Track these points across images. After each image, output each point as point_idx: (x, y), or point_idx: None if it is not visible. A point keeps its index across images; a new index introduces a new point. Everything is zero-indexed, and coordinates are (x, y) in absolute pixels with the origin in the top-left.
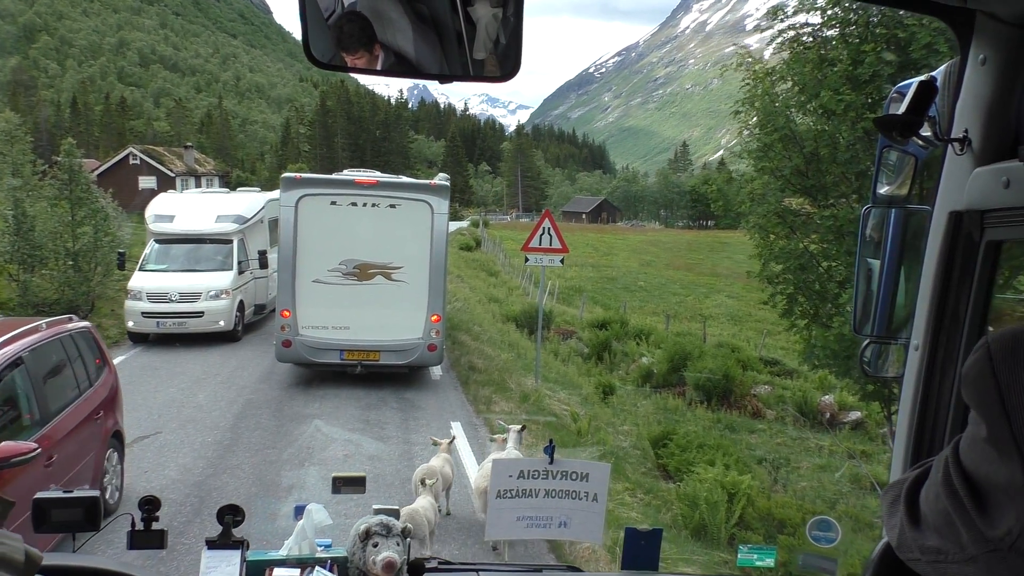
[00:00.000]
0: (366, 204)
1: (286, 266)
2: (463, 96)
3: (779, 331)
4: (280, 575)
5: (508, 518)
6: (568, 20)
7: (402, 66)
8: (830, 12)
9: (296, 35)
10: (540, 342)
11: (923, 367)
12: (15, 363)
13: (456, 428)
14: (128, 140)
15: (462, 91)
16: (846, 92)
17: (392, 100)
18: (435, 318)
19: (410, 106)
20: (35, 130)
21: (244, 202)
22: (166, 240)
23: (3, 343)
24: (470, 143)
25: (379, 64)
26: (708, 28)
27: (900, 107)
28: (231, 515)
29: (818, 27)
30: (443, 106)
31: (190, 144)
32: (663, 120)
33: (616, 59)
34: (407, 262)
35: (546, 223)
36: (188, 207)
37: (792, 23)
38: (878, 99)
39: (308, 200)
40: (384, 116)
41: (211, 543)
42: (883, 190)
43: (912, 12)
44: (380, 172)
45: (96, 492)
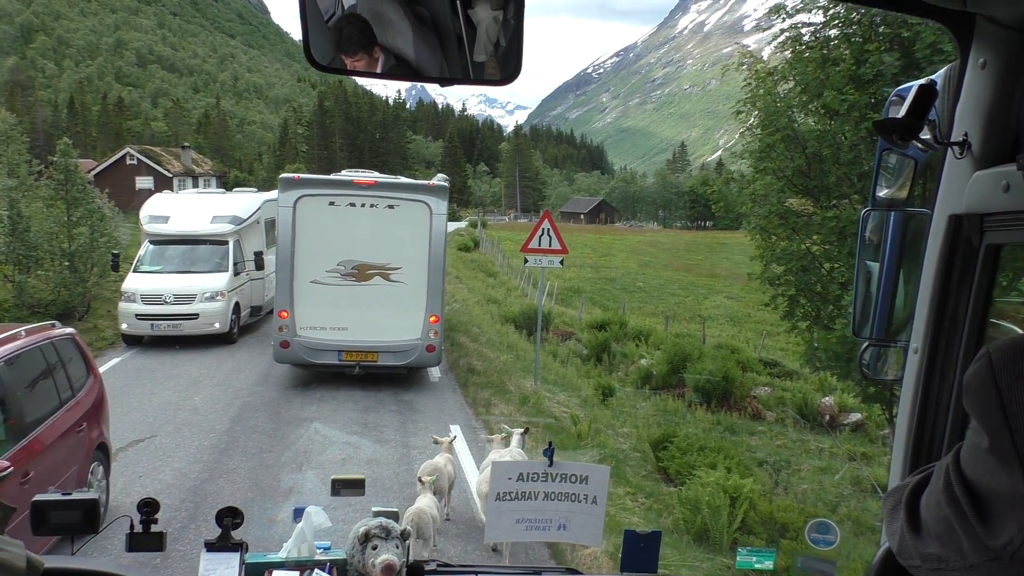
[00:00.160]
0: (364, 205)
1: (284, 266)
2: (461, 97)
3: (778, 332)
4: None
5: (507, 520)
6: (566, 20)
7: (402, 69)
8: (832, 11)
9: (294, 35)
10: (539, 344)
11: (922, 370)
12: None
13: (455, 431)
14: (125, 140)
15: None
16: (849, 92)
17: (390, 100)
18: (433, 319)
19: (408, 106)
20: (32, 130)
21: (240, 203)
22: (161, 241)
23: None
24: (468, 144)
25: (379, 67)
26: (706, 29)
27: (900, 110)
28: (230, 517)
29: (820, 26)
30: (441, 107)
31: (187, 144)
32: (661, 121)
33: (614, 60)
34: (405, 263)
35: (545, 224)
36: (183, 208)
37: (794, 22)
38: (881, 99)
39: (306, 200)
40: (382, 116)
41: (210, 545)
42: (882, 193)
43: (912, 16)
44: (378, 172)
45: (96, 494)
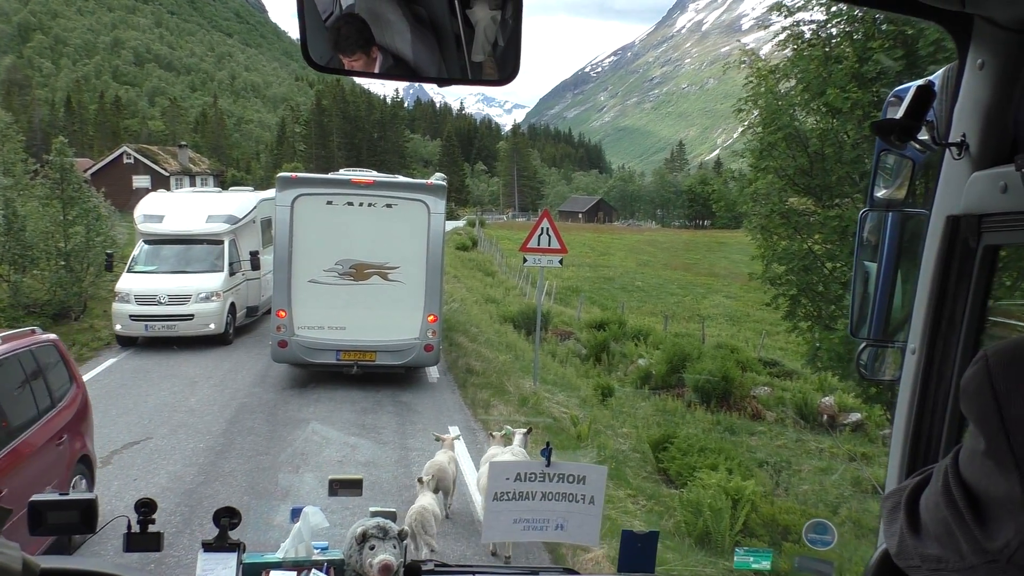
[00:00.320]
0: (362, 204)
1: (282, 266)
2: (459, 96)
3: (778, 332)
4: None
5: (505, 520)
6: (564, 19)
7: (400, 69)
8: (834, 8)
9: (292, 34)
10: (538, 344)
11: (920, 371)
12: None
13: (454, 432)
14: (123, 139)
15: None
16: (852, 89)
17: (388, 99)
18: (431, 318)
19: (406, 105)
20: (29, 129)
21: (235, 202)
22: (155, 241)
23: None
24: (466, 142)
25: (377, 67)
26: (704, 28)
27: (898, 111)
28: (227, 517)
29: (822, 24)
30: (439, 105)
31: (184, 143)
32: (659, 120)
33: (612, 59)
34: (403, 262)
35: (544, 223)
36: (178, 207)
37: (795, 20)
38: (884, 97)
39: (304, 200)
40: (380, 115)
41: (207, 545)
42: (880, 193)
43: (910, 17)
44: (376, 172)
45: (93, 494)
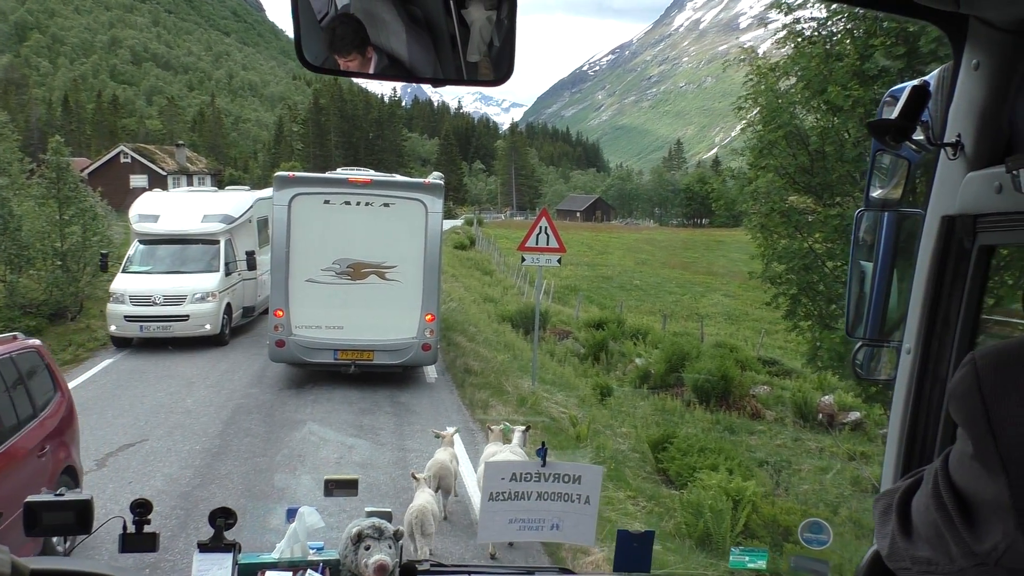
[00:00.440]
0: (360, 203)
1: (279, 265)
2: (457, 94)
3: (777, 330)
4: None
5: (500, 520)
6: (562, 18)
7: (395, 69)
8: (834, 6)
9: (289, 33)
10: (537, 344)
11: (915, 371)
12: None
13: (452, 430)
14: (120, 138)
15: (456, 89)
16: (854, 87)
17: (385, 98)
18: (429, 317)
19: (404, 104)
20: (26, 128)
21: (231, 201)
22: (150, 240)
23: None
24: (464, 141)
25: (372, 67)
26: (702, 26)
27: (894, 111)
28: (223, 518)
29: (823, 20)
30: (437, 104)
31: (182, 142)
32: (657, 118)
33: (610, 57)
34: (401, 261)
35: (543, 222)
36: (173, 206)
37: (796, 16)
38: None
39: (301, 199)
40: (378, 114)
41: (203, 546)
42: (876, 193)
43: (905, 17)
44: (374, 171)
45: (89, 495)
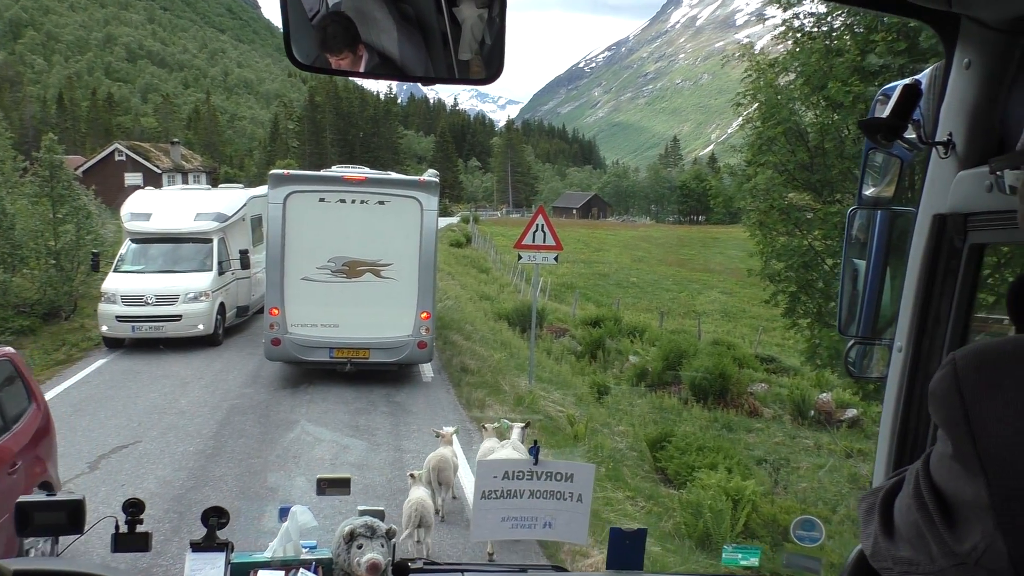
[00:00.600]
0: (355, 201)
1: (275, 263)
2: (452, 91)
3: (774, 328)
4: None
5: (493, 519)
6: (558, 14)
7: (386, 67)
8: (830, 4)
9: None
10: (534, 342)
11: (906, 369)
12: None
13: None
14: (115, 136)
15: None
16: (855, 83)
17: (381, 95)
18: (425, 315)
19: (399, 101)
20: (21, 126)
21: (225, 199)
22: (142, 239)
23: None
24: (460, 138)
25: (363, 65)
26: (698, 23)
27: (886, 110)
28: (215, 517)
29: (823, 16)
30: (432, 101)
31: (177, 140)
32: (653, 115)
33: (606, 54)
34: (396, 259)
35: (539, 220)
36: (166, 205)
37: (795, 12)
38: None
39: (296, 197)
40: (373, 111)
41: (195, 545)
42: (869, 192)
43: (897, 16)
44: (369, 168)
45: (81, 495)
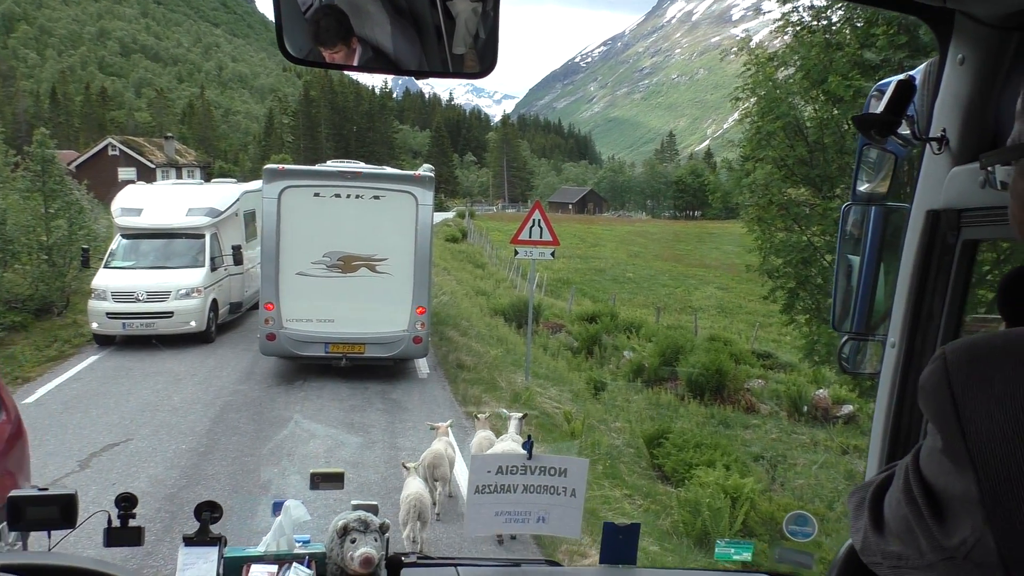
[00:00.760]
0: (350, 195)
1: (269, 259)
2: (448, 86)
3: (770, 324)
4: (258, 571)
5: (487, 513)
6: (554, 9)
7: (380, 61)
8: None
9: None
10: (530, 338)
11: (899, 365)
12: None
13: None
14: (109, 131)
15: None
16: (855, 77)
17: (376, 90)
18: (420, 310)
19: (395, 96)
20: (14, 121)
21: (217, 194)
22: (133, 235)
23: None
24: (455, 133)
25: (356, 59)
26: (694, 18)
27: (880, 105)
28: (208, 511)
29: (823, 9)
30: (428, 96)
31: (171, 135)
32: (649, 110)
33: (602, 49)
34: (392, 254)
35: (536, 215)
36: (157, 200)
37: (794, 5)
38: None
39: (291, 192)
40: (368, 106)
41: (188, 540)
42: (863, 187)
43: (892, 11)
44: (364, 163)
45: (73, 490)
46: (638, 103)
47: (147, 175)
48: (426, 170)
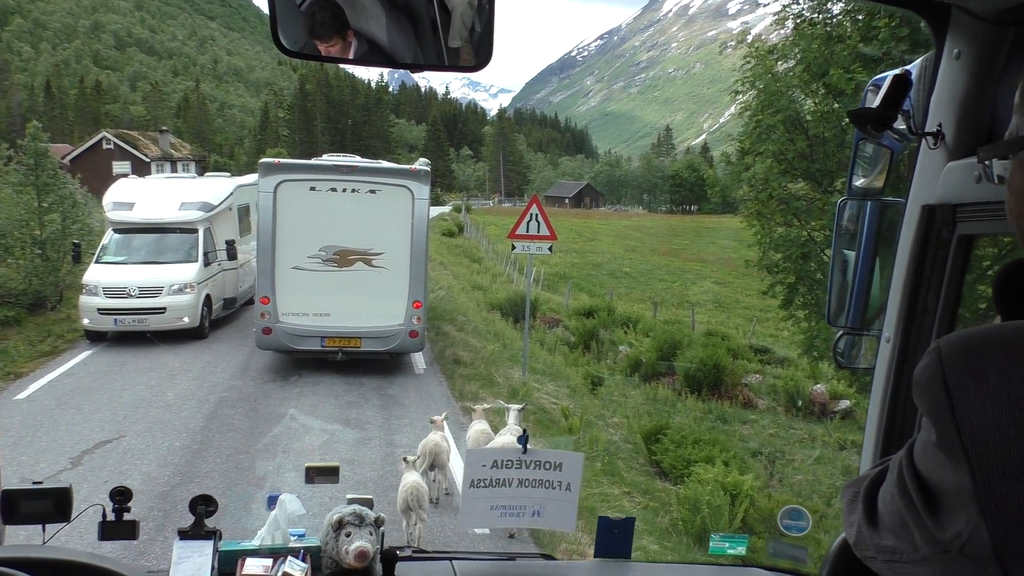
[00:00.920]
0: (346, 190)
1: (265, 253)
2: (444, 80)
3: (768, 319)
4: (253, 565)
5: (482, 507)
6: (550, 2)
7: (375, 54)
8: None
9: None
10: (528, 333)
11: (894, 359)
12: None
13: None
14: (104, 125)
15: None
16: (857, 70)
17: (372, 84)
18: (416, 304)
19: (391, 90)
20: (8, 115)
21: (210, 188)
22: (125, 229)
23: None
24: (451, 127)
25: (352, 52)
26: (691, 12)
27: (876, 100)
28: (203, 505)
29: (824, 1)
30: (424, 90)
31: (165, 128)
32: (645, 104)
33: (598, 43)
34: (388, 248)
35: (534, 209)
36: (149, 194)
37: None
38: None
39: (287, 186)
40: (364, 100)
41: (183, 533)
42: (859, 182)
43: (888, 6)
44: (360, 157)
45: (67, 484)
46: (634, 97)
47: (142, 169)
48: (422, 164)
